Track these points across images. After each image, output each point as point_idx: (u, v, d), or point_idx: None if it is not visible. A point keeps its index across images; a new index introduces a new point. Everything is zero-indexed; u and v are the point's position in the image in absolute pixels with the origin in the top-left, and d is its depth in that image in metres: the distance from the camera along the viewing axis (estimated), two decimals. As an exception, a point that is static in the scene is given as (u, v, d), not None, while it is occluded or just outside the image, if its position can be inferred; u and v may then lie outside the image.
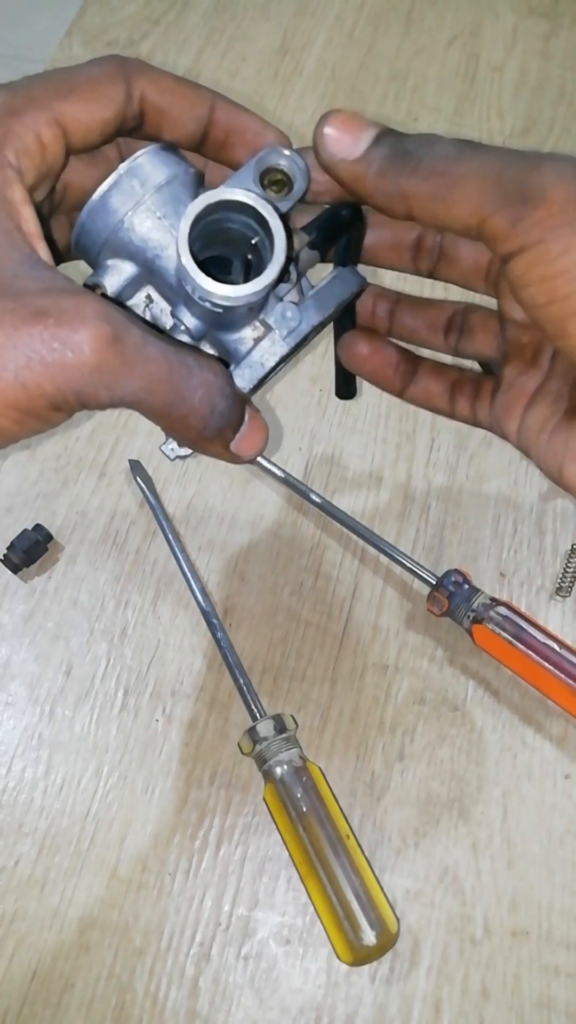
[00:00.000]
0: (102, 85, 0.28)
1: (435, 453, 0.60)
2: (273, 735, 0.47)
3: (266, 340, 0.30)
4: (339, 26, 0.84)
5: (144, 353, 0.26)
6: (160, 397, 0.27)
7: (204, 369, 0.28)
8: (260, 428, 0.31)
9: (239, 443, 0.30)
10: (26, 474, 0.59)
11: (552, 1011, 0.44)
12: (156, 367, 0.26)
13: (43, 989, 0.45)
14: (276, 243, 0.27)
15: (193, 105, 0.31)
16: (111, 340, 0.25)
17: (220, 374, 0.29)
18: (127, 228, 0.29)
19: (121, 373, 0.25)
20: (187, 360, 0.27)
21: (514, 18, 0.85)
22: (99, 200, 0.29)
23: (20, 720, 0.51)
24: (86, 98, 0.28)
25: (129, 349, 0.25)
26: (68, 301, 0.25)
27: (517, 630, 0.49)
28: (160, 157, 0.30)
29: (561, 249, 0.26)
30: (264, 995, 0.45)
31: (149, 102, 0.30)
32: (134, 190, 0.29)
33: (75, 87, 0.28)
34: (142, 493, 0.58)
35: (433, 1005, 0.44)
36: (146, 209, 0.29)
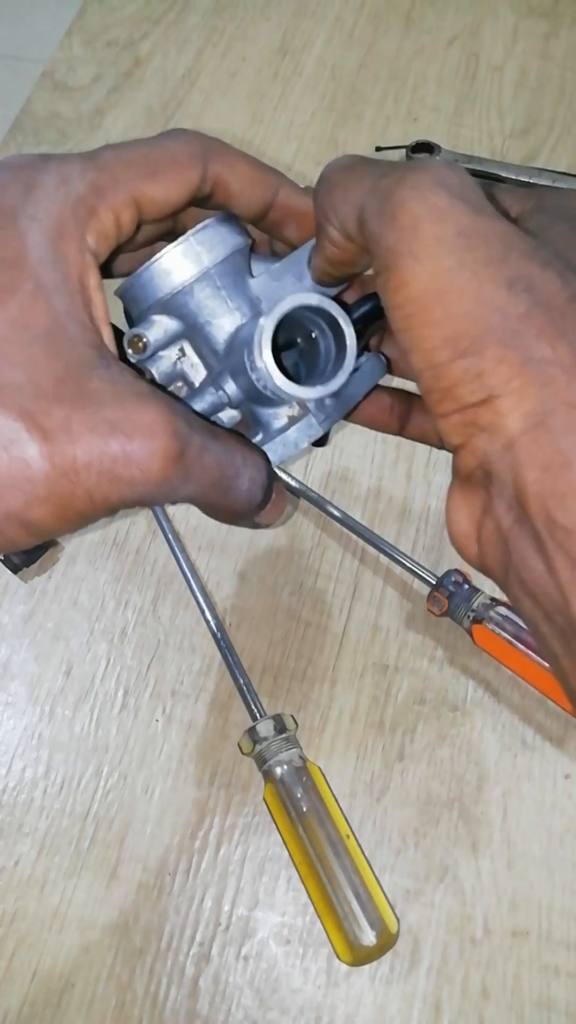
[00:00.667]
0: (183, 169, 0.29)
1: (435, 453, 0.60)
2: (273, 735, 0.47)
3: (303, 423, 0.31)
4: (339, 26, 0.84)
5: (203, 463, 0.26)
6: (209, 498, 0.28)
7: (250, 466, 0.29)
8: (282, 500, 0.32)
9: (263, 516, 0.31)
10: (26, 474, 0.59)
11: (552, 1011, 0.44)
12: (211, 474, 0.27)
13: (43, 989, 0.45)
14: (348, 351, 0.29)
15: (263, 190, 0.32)
16: (177, 456, 0.25)
17: (263, 470, 0.29)
18: (185, 292, 0.30)
19: (182, 483, 0.26)
20: (236, 460, 0.28)
21: (514, 18, 0.85)
22: (164, 263, 0.30)
23: (20, 720, 0.51)
24: (167, 181, 0.28)
25: (191, 461, 0.26)
26: (139, 414, 0.25)
27: (517, 630, 0.49)
28: (226, 228, 0.30)
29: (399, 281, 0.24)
30: (264, 995, 0.45)
31: (222, 183, 0.30)
32: (199, 258, 0.30)
33: (159, 169, 0.28)
34: (142, 493, 0.57)
35: (433, 1005, 0.44)
36: (207, 277, 0.30)
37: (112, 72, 0.80)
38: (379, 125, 0.77)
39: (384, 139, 0.76)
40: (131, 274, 0.30)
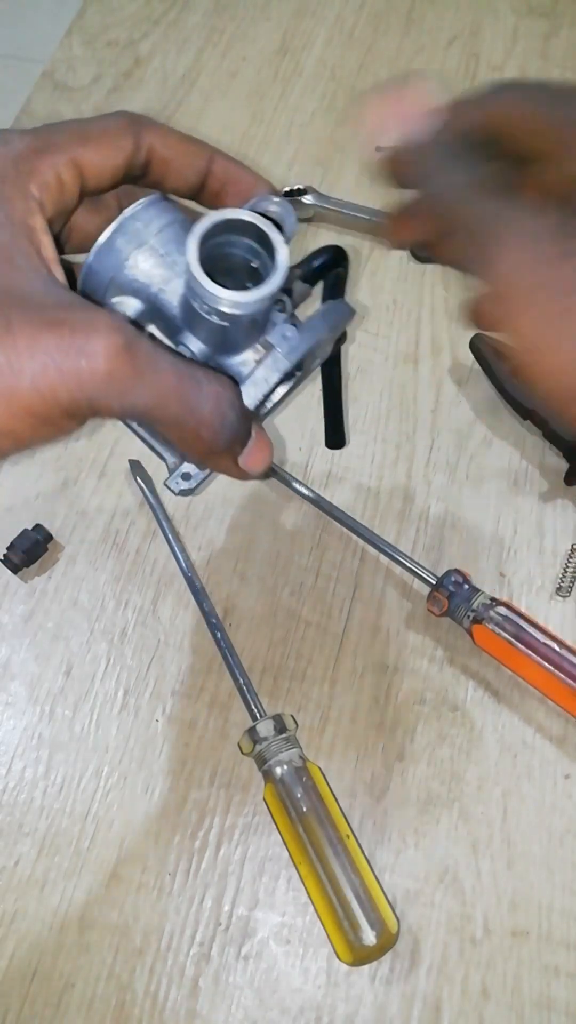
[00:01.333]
0: (115, 135, 0.31)
1: (435, 453, 0.60)
2: (273, 735, 0.47)
3: (268, 359, 0.32)
4: (339, 26, 0.84)
5: (155, 363, 0.27)
6: (171, 408, 0.28)
7: (213, 381, 0.29)
8: (266, 444, 0.32)
9: (247, 458, 0.31)
10: (26, 474, 0.59)
11: (552, 1011, 0.44)
12: (166, 377, 0.27)
13: (43, 989, 0.45)
14: (278, 254, 0.29)
15: (194, 158, 0.33)
16: (123, 348, 0.26)
17: (229, 387, 0.30)
18: (132, 266, 0.31)
19: (133, 382, 0.27)
20: (196, 373, 0.29)
21: (514, 18, 0.85)
22: (105, 242, 0.31)
23: (20, 720, 0.51)
24: (101, 145, 0.31)
25: (140, 359, 0.27)
26: (83, 313, 0.26)
27: (517, 630, 0.49)
28: (161, 205, 0.32)
29: None
30: (264, 995, 0.45)
31: (156, 153, 0.32)
32: (138, 231, 0.31)
33: (91, 136, 0.31)
34: (142, 493, 0.58)
35: (433, 1005, 0.44)
36: (149, 248, 0.31)
37: (112, 72, 0.80)
38: (379, 125, 0.77)
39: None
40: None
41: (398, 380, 0.64)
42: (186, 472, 0.34)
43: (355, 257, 0.70)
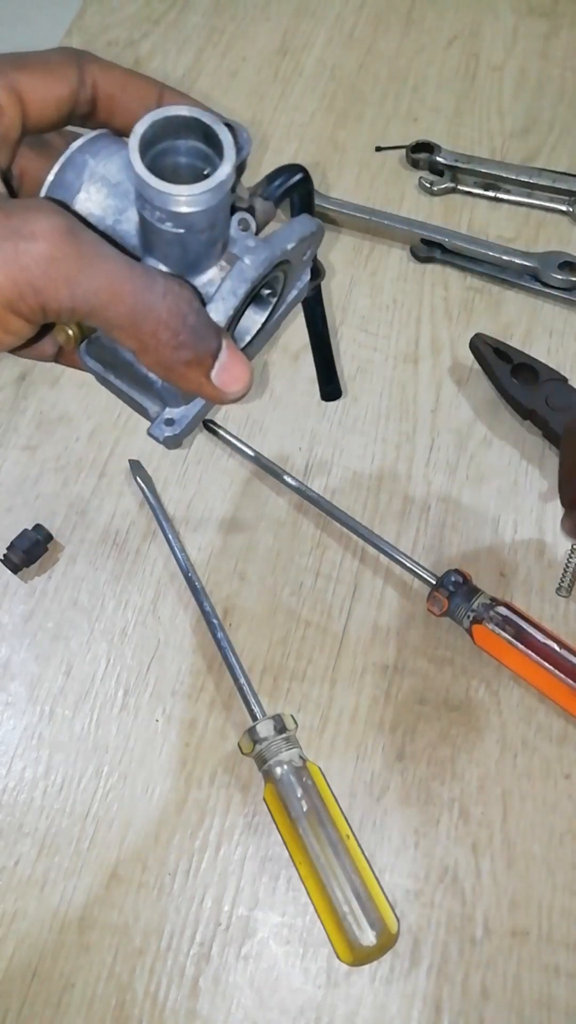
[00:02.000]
0: (56, 64, 0.30)
1: (435, 453, 0.60)
2: (273, 735, 0.47)
3: (233, 270, 0.31)
4: (339, 26, 0.84)
5: (102, 250, 0.26)
6: (124, 303, 0.26)
7: (167, 278, 0.28)
8: (242, 360, 0.30)
9: (220, 374, 0.29)
10: (26, 474, 0.59)
11: (552, 1011, 0.44)
12: (115, 266, 0.26)
13: (43, 989, 0.45)
14: (225, 146, 0.28)
15: (142, 94, 0.32)
16: (66, 230, 0.25)
17: (186, 286, 0.28)
18: (84, 199, 0.30)
19: (79, 266, 0.25)
20: (148, 269, 0.27)
21: (514, 18, 0.85)
22: (55, 177, 0.30)
23: (20, 720, 0.51)
24: (40, 72, 0.30)
25: (86, 243, 0.25)
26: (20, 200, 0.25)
27: (517, 630, 0.49)
28: (109, 138, 0.31)
29: None
30: (264, 995, 0.45)
31: (101, 89, 0.31)
32: (87, 163, 0.30)
33: (31, 63, 0.30)
34: (142, 493, 0.58)
35: (433, 1005, 0.44)
36: (100, 178, 0.30)
37: (112, 72, 0.80)
38: (379, 125, 0.77)
39: (384, 139, 0.76)
40: None
41: (398, 380, 0.64)
42: (169, 418, 0.33)
43: (355, 257, 0.70)
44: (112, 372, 0.34)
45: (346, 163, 0.75)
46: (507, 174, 0.72)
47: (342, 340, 0.65)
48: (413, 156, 0.74)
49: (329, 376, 0.41)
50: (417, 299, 0.67)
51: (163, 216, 0.28)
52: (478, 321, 0.66)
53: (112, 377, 0.34)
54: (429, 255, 0.69)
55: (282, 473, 0.58)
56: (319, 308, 0.40)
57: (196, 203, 0.27)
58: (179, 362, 0.28)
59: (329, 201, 0.70)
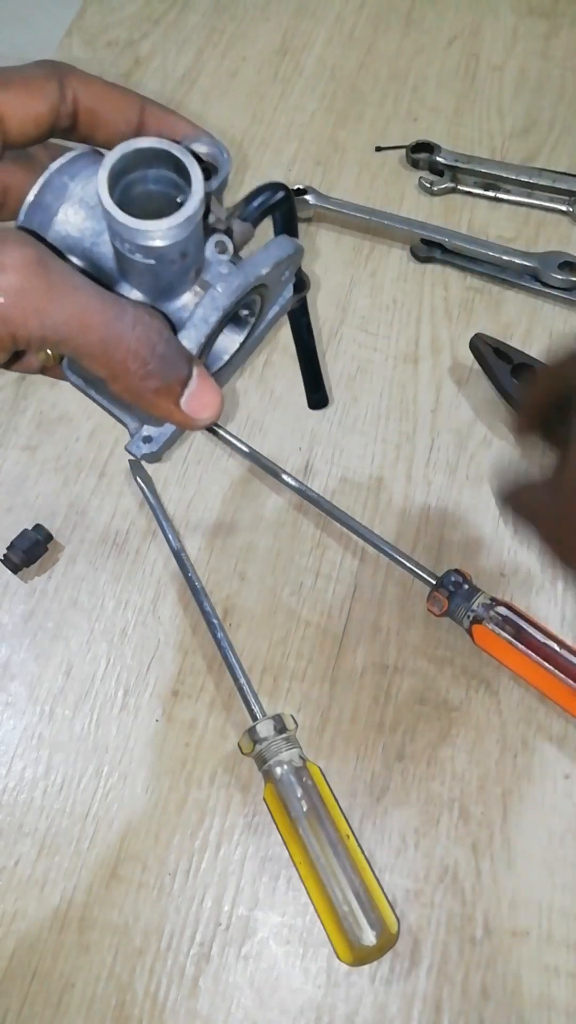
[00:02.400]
0: (36, 81, 0.30)
1: (435, 453, 0.60)
2: (273, 735, 0.47)
3: (206, 297, 0.31)
4: (339, 26, 0.84)
5: (72, 282, 0.26)
6: (94, 332, 0.26)
7: (138, 308, 0.28)
8: (212, 387, 0.30)
9: (190, 401, 0.30)
10: (26, 474, 0.59)
11: (552, 1011, 0.44)
12: (86, 297, 0.26)
13: (43, 989, 0.45)
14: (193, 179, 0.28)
15: (123, 108, 0.32)
16: (35, 262, 0.25)
17: (156, 316, 0.28)
18: (62, 221, 0.31)
19: (48, 298, 0.25)
20: (118, 299, 0.27)
21: (514, 18, 0.85)
22: (34, 199, 0.30)
23: (20, 720, 0.51)
24: (20, 91, 0.30)
25: (55, 274, 0.26)
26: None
27: (517, 630, 0.49)
28: (89, 157, 0.31)
29: None
30: (264, 995, 0.45)
31: (82, 103, 0.31)
32: (65, 185, 0.30)
33: (10, 81, 0.30)
34: (142, 493, 0.58)
35: (433, 1005, 0.44)
36: (79, 201, 0.31)
37: (112, 72, 0.80)
38: (379, 125, 0.77)
39: (384, 139, 0.76)
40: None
41: (398, 380, 0.64)
42: (147, 435, 0.33)
43: (355, 257, 0.70)
44: (93, 388, 0.34)
45: (346, 163, 0.75)
46: (507, 174, 0.72)
47: (342, 340, 0.65)
48: (413, 156, 0.74)
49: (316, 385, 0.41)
50: (417, 299, 0.67)
51: (132, 248, 0.28)
52: (478, 321, 0.66)
53: (93, 392, 0.34)
54: (429, 255, 0.69)
55: (282, 473, 0.58)
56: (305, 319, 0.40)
57: (165, 237, 0.27)
58: (148, 390, 0.29)
59: (329, 201, 0.70)
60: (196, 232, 0.29)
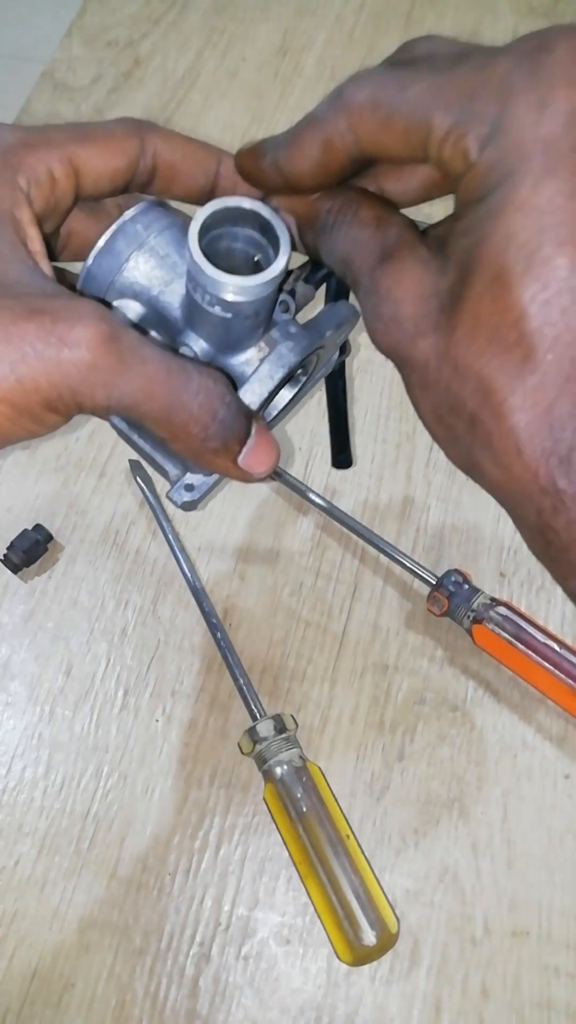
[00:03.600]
0: (118, 137, 0.31)
1: (435, 453, 0.60)
2: (273, 735, 0.47)
3: (272, 355, 0.32)
4: (339, 26, 0.84)
5: (141, 354, 0.26)
6: (158, 401, 0.27)
7: (203, 375, 0.28)
8: (269, 443, 0.31)
9: (247, 458, 0.30)
10: (26, 474, 0.59)
11: (552, 1011, 0.44)
12: (153, 369, 0.27)
13: (43, 989, 0.45)
14: (281, 239, 0.29)
15: (202, 161, 0.32)
16: (108, 338, 0.25)
17: (220, 381, 0.29)
18: (131, 268, 0.31)
19: (118, 372, 0.26)
20: (185, 365, 0.28)
21: (514, 18, 0.85)
22: (105, 244, 0.31)
23: (20, 720, 0.51)
24: (101, 146, 0.30)
25: (126, 349, 0.26)
26: (66, 302, 0.26)
27: (517, 630, 0.49)
28: (160, 209, 0.32)
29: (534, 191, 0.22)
30: (264, 995, 0.45)
31: (162, 158, 0.32)
32: (138, 233, 0.31)
33: (91, 136, 0.30)
34: (142, 493, 0.58)
35: (433, 1005, 0.44)
36: (149, 249, 0.31)
37: (112, 72, 0.80)
38: (379, 125, 0.77)
39: (384, 139, 0.76)
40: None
41: (398, 380, 0.63)
42: (189, 483, 0.34)
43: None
44: (136, 432, 0.34)
45: (346, 163, 0.75)
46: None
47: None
48: (413, 156, 0.74)
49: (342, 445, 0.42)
50: (417, 299, 0.67)
51: (212, 300, 0.28)
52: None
53: (136, 437, 0.35)
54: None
55: (282, 473, 0.58)
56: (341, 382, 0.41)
57: (248, 293, 0.28)
58: (207, 451, 0.29)
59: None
60: (275, 292, 0.29)
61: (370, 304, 0.27)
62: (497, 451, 0.23)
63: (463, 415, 0.24)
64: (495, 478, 0.24)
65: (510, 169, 0.22)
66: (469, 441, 0.24)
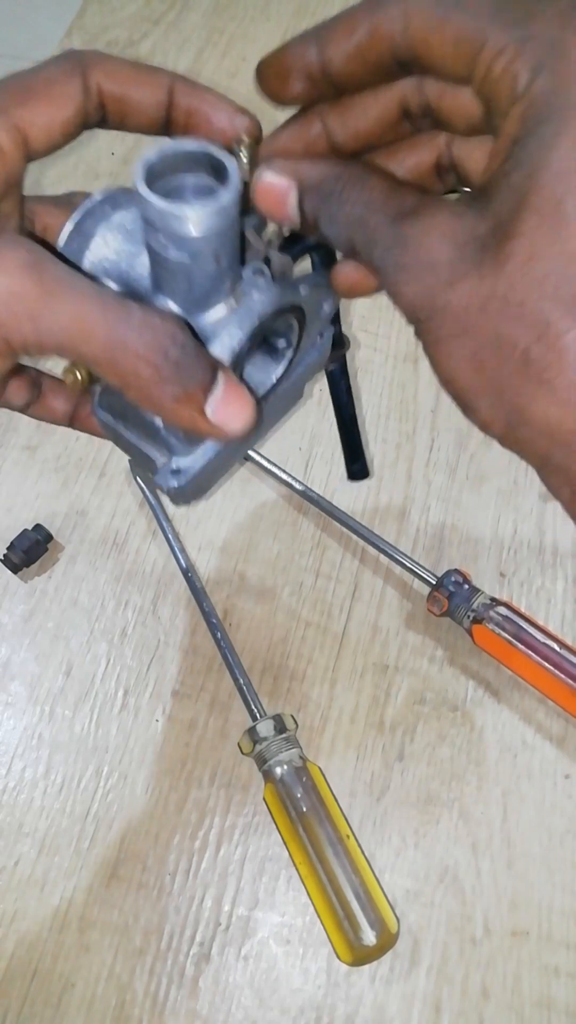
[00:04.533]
0: (59, 85, 0.29)
1: (435, 453, 0.60)
2: (273, 735, 0.47)
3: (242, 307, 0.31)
4: (339, 26, 0.84)
5: (70, 285, 0.25)
6: (96, 340, 0.25)
7: (146, 312, 0.27)
8: (241, 395, 0.28)
9: (216, 409, 0.28)
10: (26, 474, 0.59)
11: (552, 1011, 0.44)
12: (85, 301, 0.25)
13: (43, 989, 0.45)
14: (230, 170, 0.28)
15: (151, 90, 0.31)
16: (29, 264, 0.24)
17: (170, 320, 0.27)
18: (100, 244, 0.31)
19: (43, 302, 0.25)
20: (125, 302, 0.26)
21: (514, 18, 0.85)
22: (75, 226, 0.31)
23: (20, 720, 0.51)
24: (44, 101, 0.28)
25: (51, 278, 0.25)
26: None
27: (517, 630, 0.49)
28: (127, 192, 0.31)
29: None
30: (264, 995, 0.45)
31: (107, 93, 0.30)
32: (106, 213, 0.31)
33: (33, 91, 0.28)
34: (142, 493, 0.58)
35: (433, 1005, 0.44)
36: (117, 225, 0.31)
37: (112, 72, 0.80)
38: (379, 125, 0.77)
39: (384, 139, 0.76)
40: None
41: (398, 380, 0.64)
42: (176, 468, 0.33)
43: (355, 257, 0.70)
44: (122, 422, 0.34)
45: (346, 163, 0.75)
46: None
47: (342, 340, 0.65)
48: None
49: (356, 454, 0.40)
50: (417, 299, 0.67)
51: (166, 239, 0.28)
52: (478, 321, 0.66)
53: (122, 427, 0.34)
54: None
55: (282, 473, 0.58)
56: (344, 381, 0.39)
57: (199, 224, 0.27)
58: (166, 397, 0.27)
59: (329, 201, 0.70)
60: (230, 231, 0.28)
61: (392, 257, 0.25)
62: (557, 387, 0.22)
63: (512, 355, 0.22)
64: (550, 419, 0.22)
65: (567, 97, 0.22)
66: (518, 383, 0.23)
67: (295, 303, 0.32)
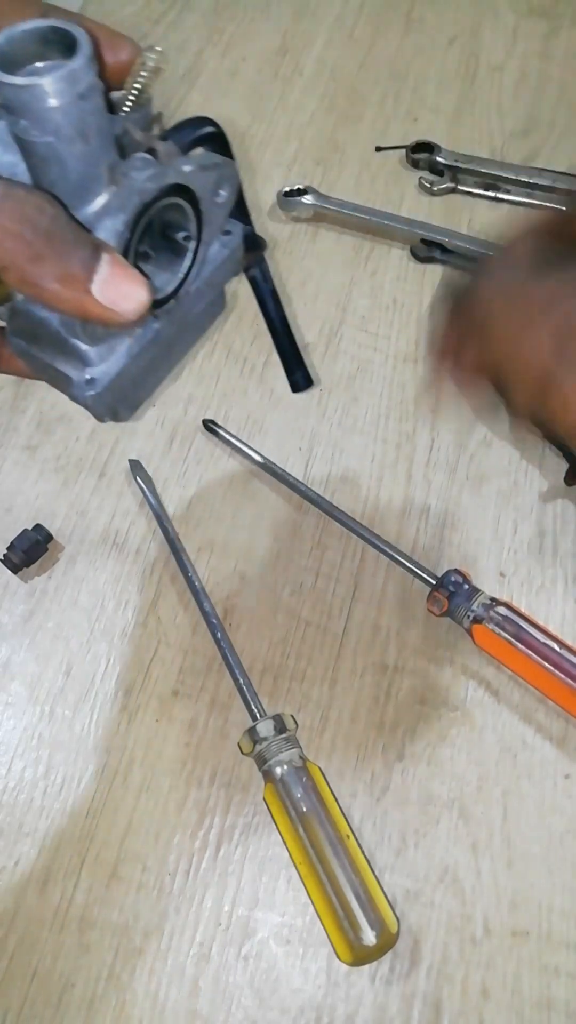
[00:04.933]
0: None
1: (435, 453, 0.60)
2: (273, 735, 0.47)
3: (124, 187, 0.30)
4: (339, 26, 0.84)
5: None
6: None
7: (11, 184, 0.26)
8: (130, 275, 0.27)
9: (104, 290, 0.27)
10: (26, 474, 0.59)
11: (552, 1011, 0.44)
12: None
13: (43, 989, 0.45)
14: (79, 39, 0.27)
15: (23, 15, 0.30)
16: None
17: (35, 192, 0.26)
18: None
19: None
20: None
21: (514, 18, 0.85)
22: None
23: (20, 720, 0.51)
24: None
25: None
26: None
27: (517, 630, 0.49)
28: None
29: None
30: (264, 995, 0.45)
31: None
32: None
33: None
34: (142, 493, 0.58)
35: (433, 1005, 0.44)
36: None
37: (112, 72, 0.80)
38: (379, 125, 0.77)
39: (384, 139, 0.76)
40: None
41: (398, 380, 0.64)
42: (90, 377, 0.31)
43: (355, 257, 0.70)
44: (35, 344, 0.32)
45: (346, 163, 0.75)
46: (507, 174, 0.72)
47: (342, 340, 0.65)
48: (413, 156, 0.74)
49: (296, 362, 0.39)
50: (417, 299, 0.67)
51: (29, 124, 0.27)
52: (478, 321, 0.66)
53: (35, 351, 0.32)
54: (429, 255, 0.69)
55: (282, 473, 0.58)
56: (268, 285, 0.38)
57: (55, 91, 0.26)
58: (45, 277, 0.26)
59: (329, 201, 0.70)
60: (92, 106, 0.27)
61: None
62: None
63: None
64: None
65: None
66: None
67: (181, 182, 0.31)
